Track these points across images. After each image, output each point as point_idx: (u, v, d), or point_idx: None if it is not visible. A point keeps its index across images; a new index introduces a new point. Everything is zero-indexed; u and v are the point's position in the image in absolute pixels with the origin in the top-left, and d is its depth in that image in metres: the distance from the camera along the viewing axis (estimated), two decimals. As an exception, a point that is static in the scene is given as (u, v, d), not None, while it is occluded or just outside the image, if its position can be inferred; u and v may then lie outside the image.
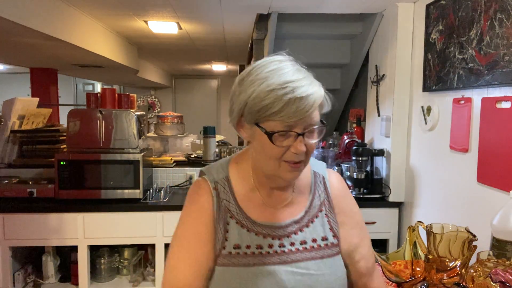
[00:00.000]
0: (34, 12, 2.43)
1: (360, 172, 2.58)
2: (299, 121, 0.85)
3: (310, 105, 0.84)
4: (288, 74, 0.86)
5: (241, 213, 0.96)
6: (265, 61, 0.91)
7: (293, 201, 1.00)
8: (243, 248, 0.93)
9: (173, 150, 3.40)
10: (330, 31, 2.99)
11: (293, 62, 0.92)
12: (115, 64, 4.31)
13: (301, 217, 0.98)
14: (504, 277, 1.07)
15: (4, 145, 2.66)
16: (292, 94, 0.83)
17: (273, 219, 0.97)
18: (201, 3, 2.71)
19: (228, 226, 0.95)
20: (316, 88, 0.87)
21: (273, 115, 0.84)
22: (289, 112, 0.83)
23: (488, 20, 1.67)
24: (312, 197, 1.01)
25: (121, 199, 2.46)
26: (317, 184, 1.03)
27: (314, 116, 0.87)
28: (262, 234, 0.95)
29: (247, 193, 0.99)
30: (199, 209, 0.97)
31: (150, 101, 9.15)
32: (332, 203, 1.02)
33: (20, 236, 2.37)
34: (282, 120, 0.84)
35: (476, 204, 1.77)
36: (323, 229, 0.99)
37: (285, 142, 0.87)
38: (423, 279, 1.29)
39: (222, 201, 0.97)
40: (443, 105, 2.06)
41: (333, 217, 1.01)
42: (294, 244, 0.95)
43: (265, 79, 0.86)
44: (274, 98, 0.84)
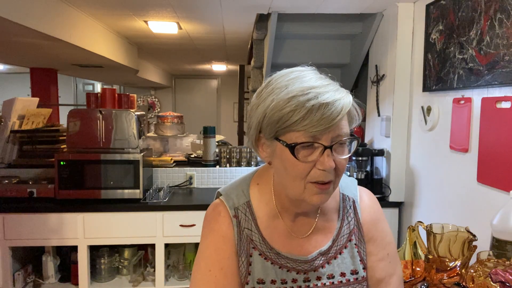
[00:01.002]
0: (34, 12, 2.43)
1: (360, 172, 2.58)
2: (325, 131, 0.73)
3: (338, 111, 0.73)
4: (311, 80, 0.76)
5: (265, 243, 0.87)
6: (285, 71, 0.81)
7: (318, 228, 0.89)
8: (267, 284, 0.85)
9: (173, 150, 3.40)
10: (330, 31, 2.99)
11: (315, 71, 0.81)
12: (115, 64, 4.31)
13: (328, 248, 0.88)
14: (504, 277, 1.07)
15: (4, 145, 2.66)
16: (316, 100, 0.72)
17: (299, 252, 0.87)
18: (201, 3, 2.71)
19: (251, 258, 0.86)
20: (344, 94, 0.76)
21: (295, 124, 0.73)
22: (314, 120, 0.72)
23: (488, 20, 1.67)
24: (340, 224, 0.90)
25: (121, 199, 2.46)
26: (346, 209, 0.92)
27: (343, 126, 0.76)
28: (286, 268, 0.86)
29: (270, 220, 0.89)
30: (220, 239, 0.87)
31: (150, 101, 9.15)
32: (363, 231, 0.91)
33: (20, 236, 2.37)
34: (305, 130, 0.73)
35: (476, 204, 1.77)
36: (353, 262, 0.89)
37: (310, 156, 0.76)
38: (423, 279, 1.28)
39: (244, 230, 0.87)
40: (443, 105, 2.06)
41: (363, 247, 0.90)
42: (321, 278, 0.86)
43: (285, 87, 0.76)
44: (295, 105, 0.73)
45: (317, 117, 0.72)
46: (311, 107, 0.72)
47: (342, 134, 0.76)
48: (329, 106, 0.72)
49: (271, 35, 2.81)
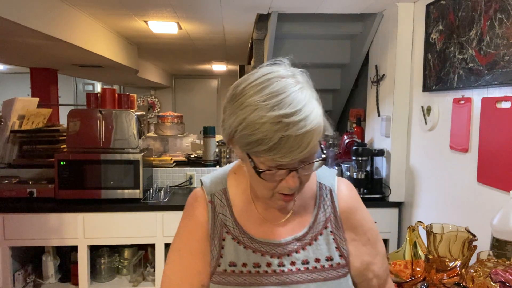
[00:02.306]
0: (34, 12, 2.43)
1: (360, 172, 2.58)
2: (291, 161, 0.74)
3: (305, 145, 0.72)
4: (285, 102, 0.72)
5: (238, 228, 0.90)
6: (262, 77, 0.77)
7: (295, 216, 0.92)
8: (239, 266, 0.87)
9: (173, 150, 3.40)
10: (330, 31, 2.99)
11: (295, 79, 0.78)
12: (115, 64, 4.31)
13: (303, 234, 0.90)
14: (504, 277, 1.07)
15: (4, 145, 2.66)
16: (285, 132, 0.71)
17: (272, 236, 0.89)
18: (201, 3, 2.71)
19: (223, 242, 0.89)
20: (316, 120, 0.74)
21: (262, 153, 0.73)
22: (281, 152, 0.72)
23: (488, 20, 1.67)
24: (316, 212, 0.92)
25: (121, 199, 2.46)
26: (322, 197, 0.94)
27: (314, 148, 0.75)
28: (260, 252, 0.88)
29: (245, 207, 0.92)
30: (193, 223, 0.92)
31: (150, 101, 9.15)
32: (340, 219, 0.93)
33: (20, 236, 2.37)
34: (276, 160, 0.74)
35: (476, 204, 1.77)
36: (328, 248, 0.90)
37: (276, 176, 0.78)
38: (423, 279, 1.29)
39: (218, 215, 0.91)
40: (443, 105, 2.06)
41: (340, 234, 0.92)
42: (295, 263, 0.88)
43: (258, 106, 0.73)
44: (265, 133, 0.72)
45: (284, 150, 0.72)
46: (279, 140, 0.71)
47: (310, 157, 0.77)
48: (298, 140, 0.71)
49: (271, 35, 2.81)
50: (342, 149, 2.94)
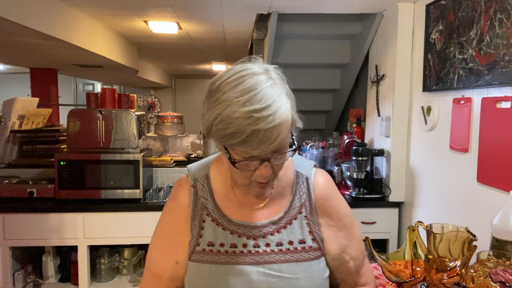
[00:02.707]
0: (34, 12, 2.43)
1: (360, 172, 2.57)
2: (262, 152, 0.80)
3: (275, 138, 0.78)
4: (256, 98, 0.77)
5: (218, 211, 0.96)
6: (236, 74, 0.82)
7: (272, 202, 0.97)
8: (217, 246, 0.94)
9: (173, 150, 3.40)
10: (330, 31, 2.99)
11: (266, 75, 0.82)
12: (115, 64, 4.30)
13: (279, 218, 0.96)
14: (504, 277, 1.07)
15: (4, 145, 2.66)
16: (255, 126, 0.76)
17: (250, 219, 0.95)
18: (201, 3, 2.71)
19: (203, 223, 0.96)
20: (284, 115, 0.79)
21: (236, 145, 0.79)
22: (252, 144, 0.78)
23: (488, 20, 1.67)
24: (292, 198, 0.98)
25: (121, 199, 2.47)
26: (299, 184, 1.00)
27: (284, 140, 0.81)
28: (237, 233, 0.94)
29: (225, 192, 0.98)
30: (175, 205, 1.00)
31: (150, 101, 9.15)
32: (315, 205, 0.99)
33: (20, 236, 2.37)
34: (245, 152, 0.80)
35: (476, 204, 1.77)
36: (302, 232, 0.96)
37: (250, 166, 0.85)
38: (423, 279, 1.28)
39: (200, 198, 0.98)
40: (443, 105, 2.06)
41: (314, 220, 0.98)
42: (270, 245, 0.93)
43: (231, 102, 0.78)
44: (237, 127, 0.77)
45: (255, 143, 0.78)
46: (250, 133, 0.77)
47: (280, 148, 0.83)
48: (267, 133, 0.77)
49: (271, 35, 2.81)
50: (342, 149, 2.94)
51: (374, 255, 1.42)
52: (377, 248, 2.60)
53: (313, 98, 3.73)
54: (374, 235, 2.53)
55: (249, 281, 0.90)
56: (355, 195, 2.59)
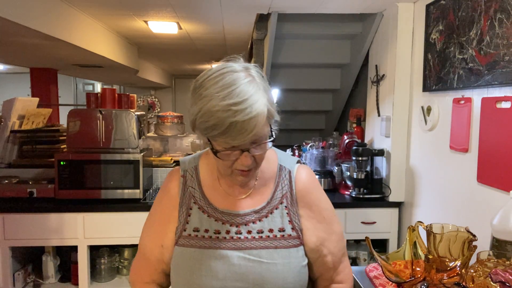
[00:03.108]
0: (34, 12, 2.43)
1: (360, 172, 2.58)
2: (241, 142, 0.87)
3: (251, 129, 0.85)
4: (235, 93, 0.84)
5: (204, 199, 1.03)
6: (218, 72, 0.89)
7: (255, 193, 1.04)
8: (201, 232, 1.01)
9: (173, 150, 3.40)
10: (330, 31, 2.99)
11: (246, 73, 0.89)
12: (115, 64, 4.31)
13: (261, 208, 1.02)
14: (504, 277, 1.07)
15: (4, 145, 2.66)
16: (234, 118, 0.83)
17: (234, 208, 1.02)
18: (201, 3, 2.71)
19: (190, 211, 1.03)
20: (260, 108, 0.86)
21: (217, 136, 0.86)
22: (231, 135, 0.85)
23: (488, 20, 1.67)
24: (275, 189, 1.05)
25: (121, 199, 2.46)
26: (281, 177, 1.06)
27: (261, 132, 0.88)
28: (221, 221, 1.01)
29: (212, 183, 1.06)
30: (165, 194, 1.08)
31: (150, 101, 9.15)
32: (296, 197, 1.04)
33: (20, 236, 2.37)
34: (228, 143, 0.87)
35: (476, 204, 1.78)
36: (282, 221, 1.02)
37: (232, 156, 0.91)
38: (423, 279, 1.28)
39: (188, 188, 1.05)
40: (443, 105, 2.06)
41: (294, 210, 1.03)
42: (251, 232, 1.00)
43: (212, 97, 0.85)
44: (217, 120, 0.84)
45: (234, 134, 0.85)
46: (229, 124, 0.83)
47: (258, 138, 0.89)
48: (245, 124, 0.84)
49: (271, 35, 2.81)
50: (342, 149, 2.94)
51: (374, 255, 1.42)
52: (377, 248, 2.60)
53: (313, 98, 3.73)
54: (374, 235, 2.54)
55: (230, 265, 0.96)
56: (355, 195, 2.59)
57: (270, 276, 0.96)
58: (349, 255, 2.70)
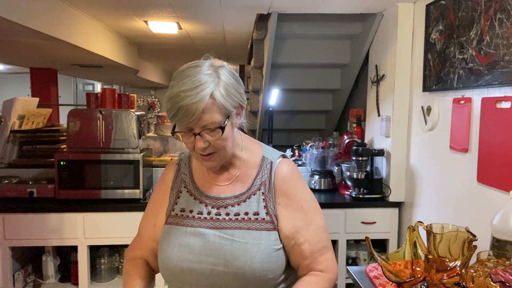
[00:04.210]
0: (34, 12, 2.43)
1: (360, 172, 2.58)
2: (190, 125, 0.99)
3: (193, 113, 0.96)
4: (184, 83, 0.97)
5: (193, 184, 1.17)
6: (186, 66, 1.02)
7: (238, 181, 1.15)
8: (186, 212, 1.14)
9: (173, 150, 3.40)
10: (330, 31, 2.99)
11: (210, 68, 1.01)
12: (115, 64, 4.31)
13: (241, 193, 1.13)
14: (504, 277, 1.07)
15: (4, 145, 2.66)
16: (177, 104, 0.96)
17: (217, 193, 1.14)
18: (201, 3, 2.71)
19: (180, 194, 1.17)
20: (204, 96, 0.96)
21: (172, 119, 1.00)
22: (180, 118, 0.98)
23: (488, 20, 1.67)
24: (255, 177, 1.15)
25: (121, 199, 2.46)
26: (262, 167, 1.16)
27: (209, 118, 0.99)
28: (205, 203, 1.14)
29: (201, 171, 1.19)
30: (162, 180, 1.24)
31: (150, 101, 9.15)
32: (274, 185, 1.13)
33: (20, 236, 2.37)
34: (179, 124, 1.01)
35: (476, 204, 1.78)
36: (257, 206, 1.11)
37: (189, 139, 1.04)
38: (423, 279, 1.29)
39: (181, 174, 1.20)
40: (443, 105, 2.06)
41: (270, 197, 1.12)
42: (229, 214, 1.11)
43: (172, 86, 1.00)
44: (171, 104, 0.98)
45: (181, 116, 0.97)
46: (176, 110, 0.97)
47: (208, 124, 1.00)
48: (189, 108, 0.96)
49: (271, 35, 2.81)
50: (342, 149, 2.94)
51: (374, 255, 1.42)
52: (377, 248, 2.61)
53: (313, 98, 3.73)
54: (374, 235, 2.54)
55: (206, 241, 1.08)
56: (355, 195, 2.59)
57: (239, 253, 1.05)
58: (349, 255, 2.70)
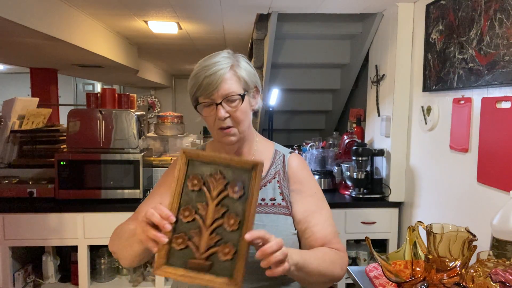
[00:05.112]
0: (34, 12, 2.42)
1: (360, 172, 2.58)
2: (213, 92, 1.07)
3: (214, 82, 1.06)
4: (210, 60, 1.10)
5: None
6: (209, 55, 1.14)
7: None
8: None
9: (173, 150, 3.40)
10: (330, 31, 2.99)
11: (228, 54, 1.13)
12: (115, 64, 4.30)
13: None
14: (504, 277, 1.07)
15: (4, 145, 2.66)
16: (201, 77, 1.07)
17: None
18: (201, 3, 2.71)
19: None
20: (223, 70, 1.08)
21: (196, 92, 1.09)
22: (202, 86, 1.07)
23: (488, 20, 1.67)
24: (269, 168, 1.22)
25: (121, 199, 2.46)
26: (276, 158, 1.24)
27: (229, 88, 1.08)
28: None
29: None
30: (172, 168, 1.27)
31: (150, 101, 9.14)
32: (287, 174, 1.21)
33: (20, 236, 2.37)
34: (203, 95, 1.09)
35: (476, 204, 1.78)
36: (273, 192, 1.18)
37: (210, 112, 1.10)
38: (423, 279, 1.29)
39: None
40: (443, 105, 2.06)
41: (285, 184, 1.20)
42: None
43: (198, 65, 1.11)
44: (195, 79, 1.09)
45: (204, 86, 1.07)
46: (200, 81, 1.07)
47: (229, 93, 1.08)
48: (211, 77, 1.06)
49: (271, 35, 2.81)
50: (342, 149, 2.94)
51: (374, 255, 1.42)
52: (377, 248, 2.61)
53: (313, 98, 3.73)
54: (374, 235, 2.54)
55: None
56: (355, 195, 2.59)
57: None
58: (349, 255, 2.70)
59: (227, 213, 0.91)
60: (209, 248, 0.90)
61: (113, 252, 1.24)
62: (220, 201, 0.93)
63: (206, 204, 0.92)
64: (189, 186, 0.94)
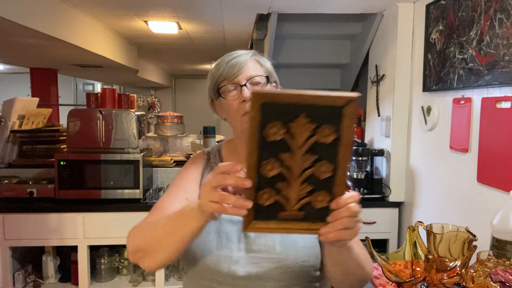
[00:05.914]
0: (34, 12, 2.43)
1: (360, 172, 2.58)
2: (238, 73, 1.09)
3: (239, 63, 1.10)
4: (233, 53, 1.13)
5: None
6: None
7: None
8: None
9: (173, 150, 3.40)
10: (330, 31, 2.99)
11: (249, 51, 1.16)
12: (115, 64, 4.31)
13: None
14: (504, 277, 1.07)
15: (4, 145, 2.66)
16: (228, 57, 1.12)
17: None
18: (201, 3, 2.71)
19: None
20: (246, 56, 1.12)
21: (221, 77, 1.11)
22: (227, 67, 1.10)
23: (488, 20, 1.67)
24: None
25: (121, 199, 2.46)
26: None
27: (253, 70, 1.10)
28: None
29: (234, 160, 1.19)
30: (191, 164, 1.24)
31: (150, 101, 9.14)
32: None
33: (20, 236, 2.37)
34: (227, 78, 1.10)
35: (476, 204, 1.77)
36: None
37: (234, 94, 1.10)
38: (423, 279, 1.29)
39: (211, 163, 1.23)
40: (443, 105, 2.06)
41: None
42: None
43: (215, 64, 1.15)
44: (220, 65, 1.12)
45: (229, 69, 1.10)
46: (227, 62, 1.11)
47: (253, 74, 1.10)
48: (237, 59, 1.11)
49: (271, 35, 2.81)
50: (342, 149, 2.94)
51: (374, 255, 1.42)
52: (377, 248, 2.60)
53: (313, 98, 3.73)
54: (374, 235, 2.53)
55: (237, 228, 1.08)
56: (355, 195, 2.59)
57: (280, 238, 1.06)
58: (349, 255, 2.70)
59: (318, 161, 0.80)
60: (301, 199, 0.81)
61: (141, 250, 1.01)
62: (308, 148, 0.79)
63: (292, 154, 0.79)
64: (269, 137, 0.78)
